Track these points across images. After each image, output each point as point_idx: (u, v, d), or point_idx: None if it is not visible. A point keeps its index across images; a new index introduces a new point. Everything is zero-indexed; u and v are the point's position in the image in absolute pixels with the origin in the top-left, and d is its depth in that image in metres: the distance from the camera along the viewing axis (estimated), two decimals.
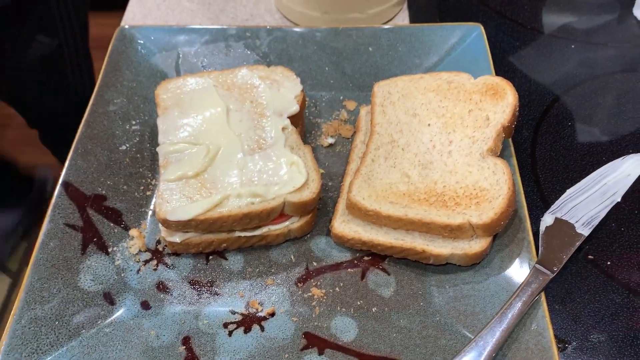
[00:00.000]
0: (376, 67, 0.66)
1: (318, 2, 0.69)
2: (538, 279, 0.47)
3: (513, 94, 0.55)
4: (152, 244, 0.54)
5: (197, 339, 0.48)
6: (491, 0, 0.78)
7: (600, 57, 0.71)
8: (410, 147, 0.54)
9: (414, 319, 0.49)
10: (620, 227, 0.55)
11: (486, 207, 0.48)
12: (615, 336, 0.49)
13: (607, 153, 0.61)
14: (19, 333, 0.47)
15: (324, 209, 0.56)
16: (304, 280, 0.52)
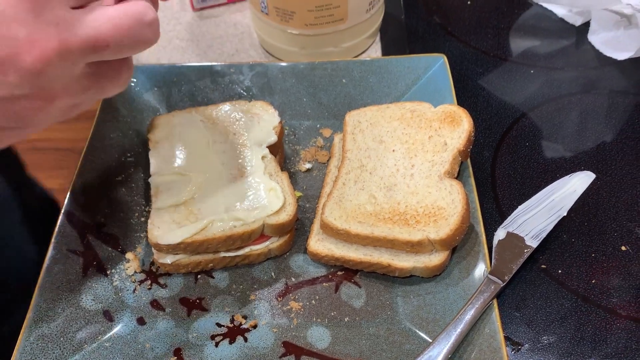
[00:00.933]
0: (349, 97, 0.72)
1: (296, 38, 0.75)
2: (490, 288, 0.53)
3: (468, 121, 0.61)
4: (147, 266, 0.60)
5: (187, 350, 0.54)
6: (456, 30, 0.84)
7: (558, 80, 0.77)
8: (377, 171, 0.60)
9: (381, 326, 0.54)
10: (571, 238, 0.61)
11: (443, 224, 0.54)
12: (564, 337, 0.54)
13: (561, 170, 0.66)
14: (28, 349, 0.53)
15: (302, 229, 0.62)
16: (283, 294, 0.57)
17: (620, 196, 0.63)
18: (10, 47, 0.32)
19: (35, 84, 0.34)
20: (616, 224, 0.61)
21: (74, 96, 0.37)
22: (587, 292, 0.57)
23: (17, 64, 0.32)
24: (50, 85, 0.35)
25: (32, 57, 0.32)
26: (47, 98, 0.35)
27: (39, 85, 0.34)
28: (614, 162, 0.67)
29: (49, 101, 0.35)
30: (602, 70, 0.77)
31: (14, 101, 0.34)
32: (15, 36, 0.32)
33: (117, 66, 0.39)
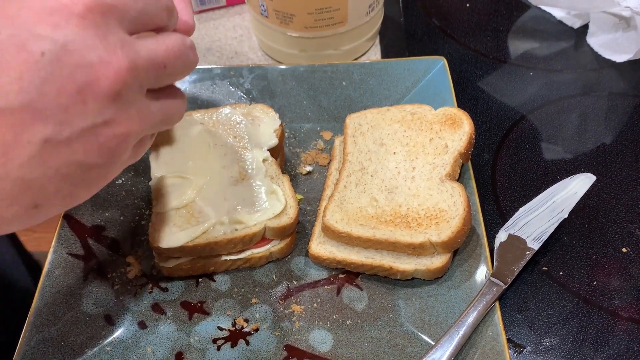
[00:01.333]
0: (349, 100, 0.72)
1: (295, 41, 0.75)
2: (492, 290, 0.53)
3: (469, 123, 0.61)
4: (147, 269, 0.60)
5: (189, 354, 0.53)
6: (456, 32, 0.84)
7: (557, 82, 0.77)
8: (378, 173, 0.60)
9: (384, 329, 0.54)
10: (572, 240, 0.61)
11: (444, 226, 0.54)
12: (566, 339, 0.54)
13: (562, 172, 0.66)
14: (29, 354, 0.52)
15: (303, 231, 0.62)
16: (285, 297, 0.57)
17: (621, 198, 0.64)
18: (87, 75, 0.32)
19: (114, 108, 0.33)
20: (617, 226, 0.61)
21: (146, 123, 0.37)
22: (589, 294, 0.57)
23: (95, 89, 0.32)
24: (127, 109, 0.35)
25: (109, 80, 0.32)
26: (126, 124, 0.35)
27: (118, 109, 0.34)
28: (614, 164, 0.67)
29: (128, 127, 0.35)
30: (601, 72, 0.77)
31: (96, 131, 0.33)
32: (90, 63, 0.32)
33: (173, 93, 0.41)
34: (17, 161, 0.31)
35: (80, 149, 0.33)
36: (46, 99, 0.30)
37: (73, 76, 0.31)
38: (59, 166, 0.33)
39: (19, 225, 0.35)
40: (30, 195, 0.33)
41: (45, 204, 0.34)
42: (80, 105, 0.32)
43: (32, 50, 0.30)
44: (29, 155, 0.31)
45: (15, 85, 0.29)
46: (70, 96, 0.31)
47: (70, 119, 0.32)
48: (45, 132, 0.31)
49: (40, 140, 0.31)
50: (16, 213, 0.33)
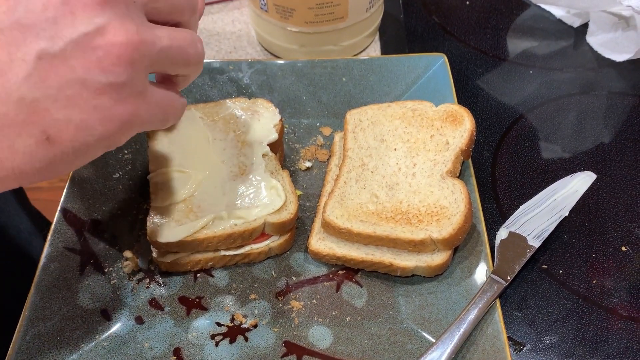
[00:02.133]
0: (349, 96, 0.72)
1: (295, 36, 0.75)
2: (493, 288, 0.52)
3: (470, 120, 0.60)
4: (145, 264, 0.59)
5: (187, 350, 0.53)
6: (456, 30, 0.84)
7: (557, 80, 0.77)
8: (379, 170, 0.60)
9: (383, 326, 0.54)
10: (572, 239, 0.61)
11: (445, 223, 0.54)
12: (565, 337, 0.54)
13: (561, 170, 0.66)
14: (24, 348, 0.52)
15: (302, 227, 0.62)
16: (284, 293, 0.56)
17: (620, 197, 0.64)
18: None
19: (105, 14, 0.33)
20: (616, 225, 0.61)
21: (148, 42, 0.35)
22: (588, 293, 0.57)
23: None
24: (121, 19, 0.33)
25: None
26: (123, 33, 0.33)
27: (110, 16, 0.33)
28: (614, 162, 0.67)
29: (127, 37, 0.33)
30: (601, 71, 0.77)
31: (91, 42, 0.32)
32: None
33: (174, 88, 0.41)
34: (14, 80, 0.31)
35: (78, 63, 0.32)
36: (33, 14, 0.30)
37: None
38: (60, 85, 0.32)
39: (37, 166, 0.33)
40: (37, 122, 0.32)
41: (58, 137, 0.33)
42: (68, 15, 0.31)
43: None
44: (25, 72, 0.31)
45: (3, 6, 0.30)
46: (56, 8, 0.31)
47: (60, 31, 0.31)
48: (37, 47, 0.31)
49: (34, 57, 0.31)
50: (27, 145, 0.32)
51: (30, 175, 0.34)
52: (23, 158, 0.33)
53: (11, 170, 0.33)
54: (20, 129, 0.32)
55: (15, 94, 0.31)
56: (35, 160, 0.33)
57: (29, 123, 0.32)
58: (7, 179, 0.33)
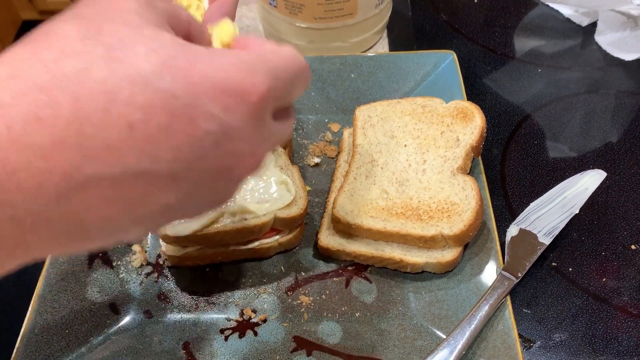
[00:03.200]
0: (358, 92, 0.71)
1: (304, 32, 0.75)
2: (504, 284, 0.52)
3: (481, 117, 0.60)
4: (153, 258, 0.59)
5: (196, 344, 0.53)
6: (464, 27, 0.84)
7: (565, 79, 0.77)
8: (389, 166, 0.60)
9: (393, 322, 0.53)
10: (581, 237, 0.60)
11: (456, 219, 0.54)
12: (575, 335, 0.54)
13: (570, 169, 0.66)
14: (33, 341, 0.51)
15: (311, 223, 0.61)
16: (293, 289, 0.56)
17: (630, 195, 0.63)
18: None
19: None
20: (625, 223, 0.61)
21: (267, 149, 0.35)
22: (598, 290, 0.56)
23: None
24: (260, 126, 0.32)
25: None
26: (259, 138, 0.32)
27: (257, 121, 0.31)
28: (623, 161, 0.67)
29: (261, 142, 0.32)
30: (610, 70, 0.77)
31: (233, 138, 0.30)
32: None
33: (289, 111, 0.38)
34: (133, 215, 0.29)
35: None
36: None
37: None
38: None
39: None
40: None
41: None
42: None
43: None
44: (143, 214, 0.29)
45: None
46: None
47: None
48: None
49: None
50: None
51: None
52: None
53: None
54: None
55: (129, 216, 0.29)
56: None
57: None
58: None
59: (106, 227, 0.28)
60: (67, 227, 0.27)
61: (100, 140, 0.26)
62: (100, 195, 0.27)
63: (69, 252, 0.29)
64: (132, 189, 0.27)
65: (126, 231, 0.30)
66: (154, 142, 0.27)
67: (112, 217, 0.28)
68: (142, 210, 0.29)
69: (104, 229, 0.28)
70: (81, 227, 0.27)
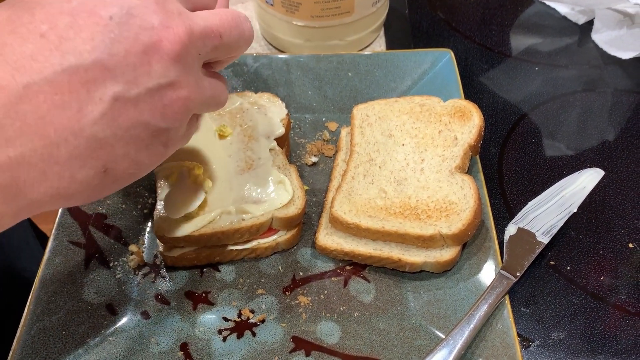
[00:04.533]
0: (355, 91, 0.71)
1: (301, 30, 0.74)
2: (502, 283, 0.52)
3: (479, 116, 0.60)
4: (150, 259, 0.59)
5: (194, 345, 0.52)
6: (461, 26, 0.84)
7: (562, 77, 0.77)
8: (387, 165, 0.59)
9: (392, 322, 0.53)
10: (579, 235, 0.60)
11: (455, 219, 0.54)
12: (574, 334, 0.54)
13: (567, 167, 0.66)
14: (29, 343, 0.51)
15: (309, 222, 0.61)
16: (291, 289, 0.56)
17: (627, 194, 0.64)
18: (150, 36, 0.34)
19: (176, 70, 0.35)
20: (623, 222, 0.61)
21: (201, 95, 0.39)
22: (596, 289, 0.56)
23: (159, 50, 0.34)
24: (187, 75, 0.36)
25: (170, 42, 0.34)
26: (187, 89, 0.36)
27: (179, 72, 0.35)
28: (620, 160, 0.67)
29: (189, 92, 0.37)
30: (607, 68, 0.77)
31: (161, 92, 0.35)
32: (152, 25, 0.34)
33: (218, 75, 0.43)
34: (90, 117, 0.32)
35: (147, 109, 0.34)
36: (115, 58, 0.32)
37: (138, 38, 0.33)
38: (128, 126, 0.34)
39: (87, 192, 0.35)
40: (101, 157, 0.34)
41: (113, 169, 0.35)
42: (146, 65, 0.34)
43: (101, 15, 0.32)
44: (100, 112, 0.32)
45: (88, 45, 0.31)
46: (136, 56, 0.33)
47: (137, 78, 0.33)
48: (115, 90, 0.32)
49: (111, 98, 0.32)
50: (86, 176, 0.34)
51: (77, 198, 0.36)
52: (79, 187, 0.34)
53: (63, 195, 0.34)
54: (85, 161, 0.33)
55: (88, 130, 0.32)
56: (88, 188, 0.35)
57: (94, 157, 0.34)
58: (53, 204, 0.35)
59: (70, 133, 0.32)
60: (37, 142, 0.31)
61: (20, 53, 0.30)
62: (48, 101, 0.30)
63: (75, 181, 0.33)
64: (73, 87, 0.31)
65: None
66: (67, 39, 0.31)
67: (69, 123, 0.31)
68: (94, 109, 0.32)
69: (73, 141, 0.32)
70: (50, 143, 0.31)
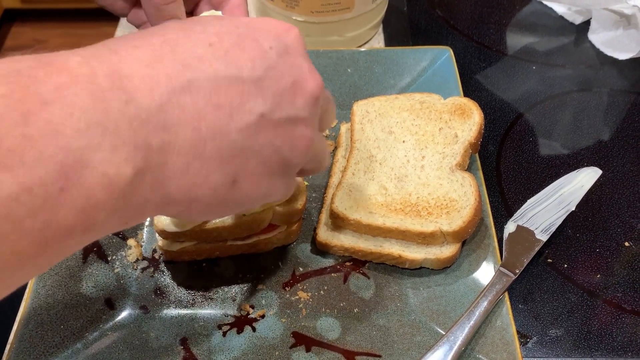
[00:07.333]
0: (355, 87, 0.71)
1: (300, 26, 0.74)
2: (502, 280, 0.53)
3: (479, 113, 0.60)
4: (149, 253, 0.58)
5: (194, 340, 0.52)
6: (459, 23, 0.84)
7: (559, 77, 0.77)
8: (387, 161, 0.60)
9: (392, 318, 0.54)
10: (576, 233, 0.61)
11: (455, 216, 0.54)
12: (571, 331, 0.54)
13: (565, 166, 0.67)
14: (27, 337, 0.51)
15: (309, 218, 0.61)
16: (291, 284, 0.56)
17: (623, 193, 0.64)
18: (299, 74, 0.37)
19: (311, 110, 0.38)
20: (619, 220, 0.62)
21: (318, 144, 0.42)
22: (593, 287, 0.57)
23: (303, 88, 0.38)
24: (314, 119, 0.40)
25: (313, 85, 0.38)
26: (312, 131, 0.39)
27: (312, 114, 0.39)
28: (617, 159, 0.67)
29: (312, 135, 0.39)
30: (603, 68, 0.78)
31: (295, 124, 0.38)
32: (301, 66, 0.38)
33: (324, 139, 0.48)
34: (238, 124, 0.35)
35: (281, 135, 0.37)
36: (269, 81, 0.36)
37: (290, 71, 0.37)
38: (263, 144, 0.37)
39: (211, 201, 0.36)
40: (235, 164, 0.36)
41: (240, 183, 0.37)
42: (291, 96, 0.37)
43: (263, 44, 0.36)
44: (247, 122, 0.35)
45: (249, 63, 0.35)
46: (285, 86, 0.37)
47: (282, 105, 0.37)
48: (264, 107, 0.35)
49: (259, 113, 0.35)
50: (218, 180, 0.35)
51: (199, 208, 0.36)
52: (208, 191, 0.35)
53: (193, 196, 0.35)
54: (221, 164, 0.35)
55: (233, 135, 0.35)
56: (214, 196, 0.36)
57: (230, 162, 0.35)
58: (182, 204, 0.35)
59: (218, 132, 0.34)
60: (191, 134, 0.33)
61: (190, 54, 0.33)
62: (206, 99, 0.33)
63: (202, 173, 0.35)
64: (229, 93, 0.34)
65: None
66: (232, 54, 0.35)
67: (219, 123, 0.34)
68: (242, 118, 0.35)
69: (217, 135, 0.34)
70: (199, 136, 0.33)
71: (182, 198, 0.35)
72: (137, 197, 0.31)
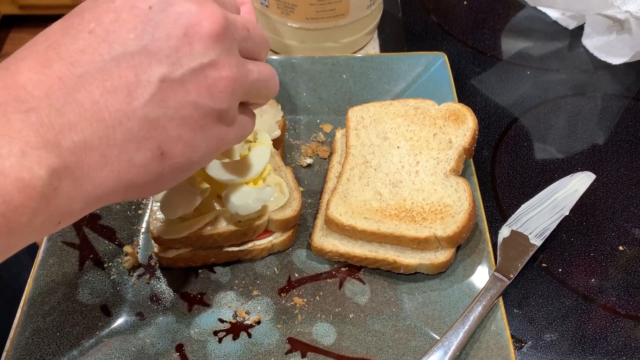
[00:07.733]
0: (350, 93, 0.71)
1: (295, 32, 0.74)
2: (496, 285, 0.53)
3: (473, 119, 0.61)
4: (145, 259, 0.58)
5: (190, 346, 0.52)
6: (454, 29, 0.85)
7: (553, 82, 0.78)
8: (382, 167, 0.60)
9: (387, 323, 0.54)
10: (570, 238, 0.61)
11: (449, 221, 0.54)
12: (565, 335, 0.55)
13: (559, 170, 0.67)
14: (23, 344, 0.51)
15: (304, 224, 0.61)
16: (286, 290, 0.56)
17: (617, 197, 0.65)
18: (188, 19, 0.36)
19: (216, 50, 0.37)
20: (613, 225, 0.62)
21: (246, 76, 0.40)
22: (587, 291, 0.57)
23: (198, 31, 0.36)
24: (227, 55, 0.38)
25: (209, 22, 0.36)
26: (229, 68, 0.38)
27: (219, 52, 0.37)
28: (610, 163, 0.68)
29: (232, 72, 0.38)
30: (597, 73, 0.78)
31: (204, 72, 0.36)
32: (189, 10, 0.36)
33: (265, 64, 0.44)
34: (140, 99, 0.34)
35: (193, 89, 0.36)
36: (158, 42, 0.35)
37: (178, 21, 0.35)
38: (177, 106, 0.36)
39: (146, 179, 0.36)
40: (155, 138, 0.36)
41: (169, 152, 0.37)
42: (187, 46, 0.36)
43: (141, 7, 0.35)
44: (150, 93, 0.35)
45: (132, 34, 0.34)
46: (178, 38, 0.35)
47: (180, 59, 0.35)
48: (161, 72, 0.35)
49: (158, 80, 0.35)
50: (144, 159, 0.36)
51: (138, 189, 0.37)
52: (138, 171, 0.36)
53: (125, 182, 0.36)
54: (140, 143, 0.35)
55: (140, 111, 0.35)
56: (147, 174, 0.36)
57: (148, 138, 0.35)
58: (117, 192, 0.36)
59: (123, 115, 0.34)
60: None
61: (73, 49, 0.33)
62: (100, 88, 0.33)
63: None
64: (121, 72, 0.34)
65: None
66: (113, 32, 0.34)
67: (121, 106, 0.34)
68: (143, 91, 0.34)
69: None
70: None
71: (113, 187, 0.35)
72: (60, 197, 0.32)
